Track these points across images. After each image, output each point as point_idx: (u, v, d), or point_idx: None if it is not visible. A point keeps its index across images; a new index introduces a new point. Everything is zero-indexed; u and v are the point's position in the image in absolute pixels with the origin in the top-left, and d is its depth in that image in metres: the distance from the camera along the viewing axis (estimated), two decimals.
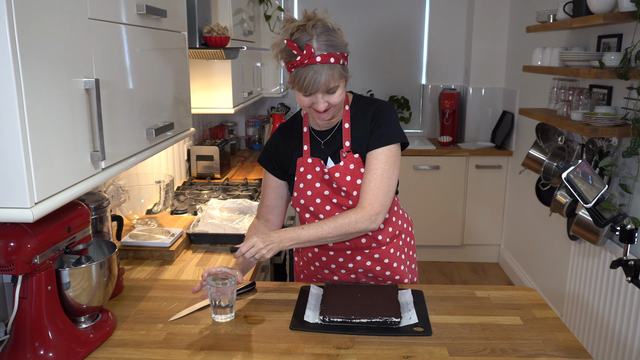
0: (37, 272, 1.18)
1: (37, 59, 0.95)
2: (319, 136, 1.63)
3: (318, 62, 1.41)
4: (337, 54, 1.44)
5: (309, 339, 1.33)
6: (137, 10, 1.39)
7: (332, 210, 1.61)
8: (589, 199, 1.34)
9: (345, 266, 1.68)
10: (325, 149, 1.61)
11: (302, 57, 1.41)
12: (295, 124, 1.67)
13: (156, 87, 1.55)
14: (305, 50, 1.41)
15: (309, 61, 1.41)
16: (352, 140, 1.59)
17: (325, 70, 1.42)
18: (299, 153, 1.63)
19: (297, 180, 1.62)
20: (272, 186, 1.69)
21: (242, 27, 2.98)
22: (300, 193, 1.62)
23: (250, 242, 1.44)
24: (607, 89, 2.61)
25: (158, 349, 1.29)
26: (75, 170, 1.09)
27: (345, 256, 1.67)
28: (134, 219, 2.10)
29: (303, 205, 1.64)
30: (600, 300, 2.54)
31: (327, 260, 1.69)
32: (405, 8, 4.54)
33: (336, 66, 1.44)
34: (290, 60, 1.44)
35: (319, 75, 1.42)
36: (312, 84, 1.43)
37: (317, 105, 1.48)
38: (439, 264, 4.33)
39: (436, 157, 4.11)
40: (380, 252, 1.67)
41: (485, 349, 1.30)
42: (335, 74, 1.44)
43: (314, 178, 1.60)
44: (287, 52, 1.44)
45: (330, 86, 1.45)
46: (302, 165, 1.61)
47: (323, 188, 1.60)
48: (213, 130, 3.57)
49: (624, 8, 2.19)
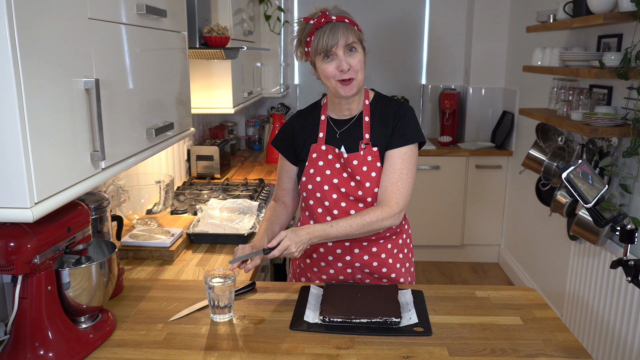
0: (37, 272, 1.18)
1: (37, 59, 0.95)
2: (336, 126, 1.66)
3: (334, 19, 1.51)
4: (351, 19, 1.54)
5: (309, 339, 1.33)
6: (137, 10, 1.39)
7: (338, 198, 1.63)
8: (589, 199, 1.34)
9: (342, 259, 1.69)
10: (339, 139, 1.65)
11: (318, 19, 1.51)
12: (315, 110, 1.71)
13: (156, 87, 1.55)
14: (320, 13, 1.52)
15: (325, 19, 1.50)
16: (371, 133, 1.62)
17: (341, 26, 1.51)
18: (314, 139, 1.66)
19: (307, 165, 1.65)
20: (286, 170, 1.73)
21: (242, 27, 2.98)
22: (309, 178, 1.65)
23: (283, 245, 1.45)
24: (607, 89, 2.61)
25: (158, 349, 1.29)
26: (75, 170, 1.09)
27: (344, 248, 1.67)
28: (134, 219, 2.10)
29: (310, 191, 1.65)
30: (600, 300, 2.54)
31: (324, 252, 1.69)
32: (406, 8, 4.53)
33: (351, 27, 1.52)
34: (309, 35, 1.52)
35: (336, 29, 1.50)
36: (332, 37, 1.49)
37: (340, 65, 1.51)
38: (439, 264, 4.33)
39: (436, 157, 4.11)
40: (378, 246, 1.68)
41: (485, 349, 1.30)
42: (351, 32, 1.51)
43: (325, 165, 1.64)
44: (304, 28, 1.54)
45: (349, 41, 1.51)
46: (315, 152, 1.65)
47: (333, 176, 1.63)
48: (213, 130, 3.57)
49: (624, 8, 2.19)
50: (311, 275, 1.75)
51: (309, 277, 1.76)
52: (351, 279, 1.72)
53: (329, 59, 1.52)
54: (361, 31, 1.57)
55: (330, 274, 1.72)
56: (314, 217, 1.69)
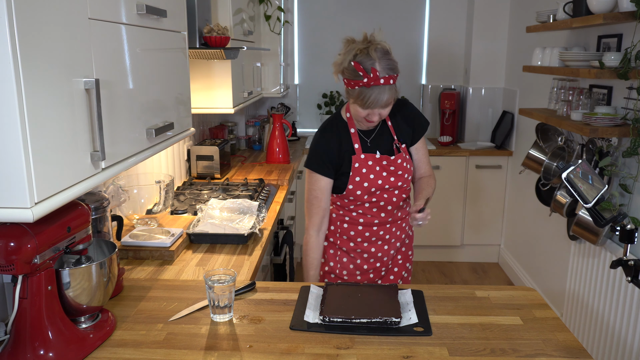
0: (37, 272, 1.18)
1: (37, 59, 0.95)
2: (365, 135, 1.89)
3: (382, 83, 1.66)
4: (395, 75, 1.69)
5: (309, 339, 1.33)
6: (137, 10, 1.39)
7: (381, 193, 1.87)
8: (589, 199, 1.34)
9: (383, 237, 1.95)
10: (371, 146, 1.88)
11: (369, 79, 1.66)
12: (341, 126, 1.89)
13: (156, 87, 1.55)
14: (371, 73, 1.65)
15: (374, 83, 1.65)
16: (397, 134, 1.90)
17: (386, 90, 1.68)
18: (352, 151, 1.86)
19: (352, 175, 1.86)
20: (327, 188, 1.89)
21: (242, 27, 2.98)
22: (356, 185, 1.86)
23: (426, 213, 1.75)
24: (607, 89, 2.61)
25: (158, 349, 1.29)
26: (75, 170, 1.09)
27: (385, 229, 1.94)
28: (134, 219, 2.10)
29: (358, 196, 1.87)
30: (600, 300, 2.54)
31: (369, 235, 1.94)
32: (406, 8, 4.54)
33: (393, 86, 1.70)
34: (355, 80, 1.68)
35: (382, 95, 1.68)
36: (376, 102, 1.69)
37: (371, 117, 1.75)
38: (439, 264, 4.33)
39: (436, 157, 4.11)
40: (406, 221, 2.01)
41: (485, 349, 1.30)
42: (392, 92, 1.70)
43: (368, 171, 1.85)
44: (352, 71, 1.69)
45: (389, 103, 1.72)
46: (357, 162, 1.85)
47: (377, 178, 1.86)
48: (213, 130, 3.57)
49: (624, 8, 2.19)
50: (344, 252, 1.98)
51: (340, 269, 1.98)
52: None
53: (365, 109, 1.72)
54: (399, 73, 1.72)
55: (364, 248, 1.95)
56: (354, 212, 1.91)
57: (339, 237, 1.97)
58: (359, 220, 1.92)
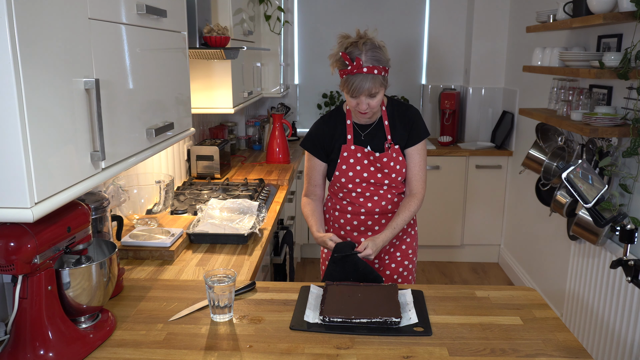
0: (37, 272, 1.18)
1: (37, 59, 0.95)
2: (360, 129, 1.98)
3: (364, 72, 1.76)
4: (380, 67, 1.78)
5: (309, 339, 1.33)
6: (137, 10, 1.39)
7: (366, 186, 1.97)
8: (589, 199, 1.34)
9: (371, 228, 2.02)
10: (365, 140, 1.97)
11: (352, 67, 1.77)
12: (339, 116, 2.01)
13: (156, 87, 1.55)
14: (355, 62, 1.76)
15: (357, 71, 1.76)
16: (392, 134, 1.96)
17: (369, 79, 1.77)
18: (343, 141, 1.98)
19: (339, 162, 1.97)
20: (318, 169, 2.04)
21: (242, 27, 2.98)
22: (342, 173, 1.98)
23: (367, 253, 1.81)
24: (607, 89, 2.61)
25: (158, 349, 1.29)
26: (75, 170, 1.09)
27: (374, 220, 2.01)
28: (134, 219, 2.10)
29: (343, 183, 1.99)
30: (600, 300, 2.54)
31: (357, 224, 2.02)
32: (405, 8, 4.54)
33: (378, 77, 1.79)
34: (343, 69, 1.79)
35: (364, 83, 1.77)
36: (358, 89, 1.78)
37: (359, 106, 1.84)
38: (439, 264, 4.33)
39: (436, 157, 4.11)
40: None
41: (485, 349, 1.30)
42: (377, 82, 1.79)
43: (355, 162, 1.96)
44: (341, 62, 1.80)
45: (372, 92, 1.80)
46: (346, 151, 1.96)
47: (362, 170, 1.96)
48: (213, 130, 3.57)
49: (624, 8, 2.19)
50: None
51: None
52: None
53: (353, 97, 1.82)
54: (388, 70, 1.82)
55: (358, 234, 2.03)
56: (344, 201, 2.02)
57: (332, 224, 2.08)
58: (348, 208, 2.01)
